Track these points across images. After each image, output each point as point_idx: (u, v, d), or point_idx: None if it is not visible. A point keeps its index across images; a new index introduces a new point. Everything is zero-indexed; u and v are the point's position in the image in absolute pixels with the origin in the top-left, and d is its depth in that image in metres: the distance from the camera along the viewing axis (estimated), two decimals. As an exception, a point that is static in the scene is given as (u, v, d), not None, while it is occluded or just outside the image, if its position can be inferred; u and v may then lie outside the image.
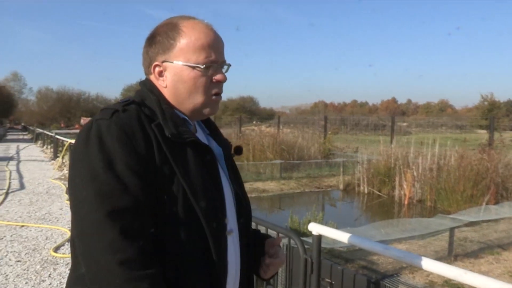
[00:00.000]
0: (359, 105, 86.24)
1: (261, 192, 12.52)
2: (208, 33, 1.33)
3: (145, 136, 1.20)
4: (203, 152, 1.31)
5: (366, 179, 12.88)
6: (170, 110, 1.31)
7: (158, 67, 1.35)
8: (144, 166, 1.17)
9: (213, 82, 1.34)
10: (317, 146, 18.81)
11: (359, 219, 10.43)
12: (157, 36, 1.35)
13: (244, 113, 52.35)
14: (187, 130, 1.29)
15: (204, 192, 1.24)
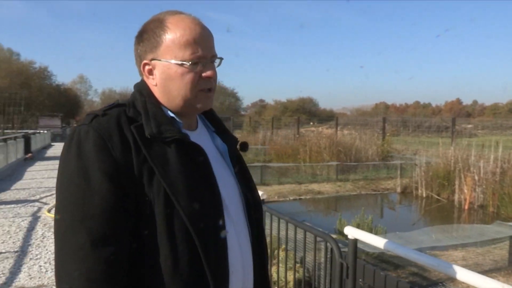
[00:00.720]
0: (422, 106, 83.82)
1: (316, 194, 12.42)
2: (194, 28, 1.29)
3: (122, 138, 1.19)
4: (191, 150, 1.28)
5: (424, 182, 12.49)
6: (155, 109, 1.29)
7: (147, 65, 1.34)
8: (120, 169, 1.16)
9: (202, 78, 1.31)
10: (375, 148, 18.45)
11: (417, 223, 10.11)
12: (144, 33, 1.33)
13: (303, 114, 52.15)
14: (171, 129, 1.26)
15: (188, 191, 1.20)
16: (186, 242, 1.19)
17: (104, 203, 1.13)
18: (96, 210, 1.12)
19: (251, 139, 24.24)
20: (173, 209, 1.18)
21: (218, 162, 1.40)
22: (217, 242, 1.25)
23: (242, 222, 1.38)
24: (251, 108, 76.29)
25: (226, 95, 57.15)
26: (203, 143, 1.36)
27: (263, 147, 21.74)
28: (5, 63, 42.09)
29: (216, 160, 1.39)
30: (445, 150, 13.22)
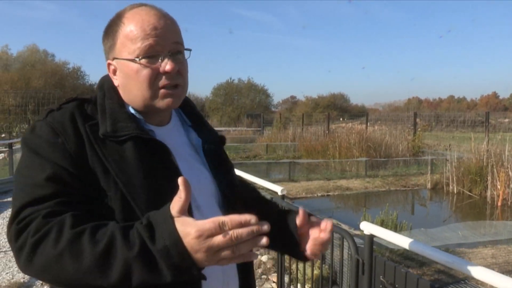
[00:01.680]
0: (456, 100, 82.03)
1: (344, 190, 12.32)
2: (147, 19, 1.20)
3: (76, 134, 1.15)
4: (152, 147, 1.20)
5: (455, 178, 12.22)
6: (113, 105, 1.23)
7: (111, 65, 1.27)
8: (75, 162, 1.12)
9: (160, 74, 1.20)
10: (406, 143, 18.18)
11: (448, 220, 9.92)
12: (107, 31, 1.27)
13: (334, 110, 51.71)
14: (128, 126, 1.19)
15: (146, 190, 1.13)
16: None
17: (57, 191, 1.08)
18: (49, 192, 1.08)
19: (281, 136, 24.22)
20: (131, 208, 1.12)
21: (190, 158, 1.33)
22: None
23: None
24: (282, 105, 76.08)
25: (257, 92, 57.09)
26: (171, 138, 1.29)
27: (293, 144, 21.70)
28: (40, 64, 43.02)
29: (187, 156, 1.32)
30: (477, 145, 12.92)
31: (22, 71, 40.98)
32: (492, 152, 11.84)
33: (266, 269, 5.27)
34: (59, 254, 0.96)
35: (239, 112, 52.06)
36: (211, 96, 57.76)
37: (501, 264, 5.70)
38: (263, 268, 5.29)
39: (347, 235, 2.97)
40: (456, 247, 6.07)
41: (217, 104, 55.38)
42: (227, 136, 17.19)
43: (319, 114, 38.04)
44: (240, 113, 51.48)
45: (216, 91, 56.78)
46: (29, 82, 38.53)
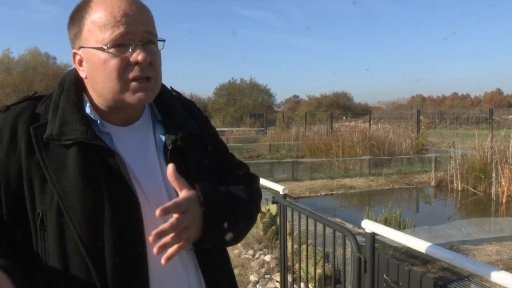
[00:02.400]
0: (460, 97, 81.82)
1: (348, 188, 12.28)
2: (118, 5, 1.08)
3: (12, 139, 1.07)
4: (100, 153, 1.10)
5: (459, 176, 12.17)
6: (66, 105, 1.13)
7: (76, 55, 1.15)
8: (3, 173, 1.04)
9: (131, 64, 1.09)
10: (409, 141, 18.14)
11: (453, 217, 9.87)
12: (73, 18, 1.16)
13: (337, 109, 51.68)
14: (76, 129, 1.08)
15: (84, 203, 1.03)
16: (81, 266, 1.03)
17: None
18: None
19: (284, 135, 24.20)
20: (66, 223, 1.03)
21: (150, 161, 1.20)
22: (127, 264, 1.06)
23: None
24: (285, 104, 76.05)
25: (259, 91, 57.07)
26: (133, 140, 1.19)
27: (296, 143, 21.68)
28: (42, 67, 43.18)
29: (147, 159, 1.20)
30: (481, 142, 12.87)
31: (23, 74, 41.16)
32: (496, 149, 11.79)
33: (269, 268, 5.25)
34: None
35: (242, 112, 52.03)
36: (214, 96, 57.76)
37: (506, 261, 5.66)
38: (266, 268, 5.27)
39: (349, 234, 2.95)
40: (460, 244, 6.04)
41: (219, 104, 55.38)
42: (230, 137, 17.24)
43: (322, 113, 38.01)
44: (243, 113, 51.45)
45: (219, 92, 56.79)
46: (31, 85, 38.68)
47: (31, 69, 42.42)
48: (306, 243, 3.88)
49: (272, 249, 5.79)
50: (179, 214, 1.04)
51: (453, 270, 5.17)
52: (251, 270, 5.22)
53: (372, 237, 2.81)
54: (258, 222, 5.99)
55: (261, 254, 5.70)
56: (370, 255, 2.78)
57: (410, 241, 2.48)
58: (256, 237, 5.98)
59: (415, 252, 5.56)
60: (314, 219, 3.45)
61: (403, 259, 5.31)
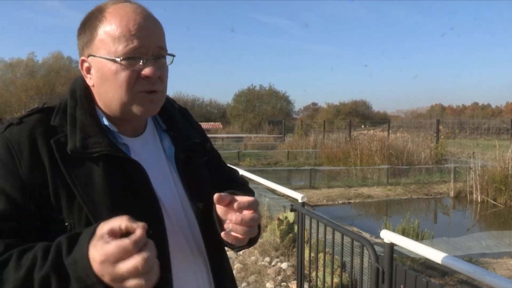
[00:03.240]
0: (481, 107, 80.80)
1: (365, 197, 12.23)
2: (133, 17, 1.10)
3: (34, 153, 1.05)
4: (125, 165, 1.11)
5: (479, 187, 12.02)
6: (84, 117, 1.12)
7: (85, 62, 1.16)
8: (24, 192, 1.02)
9: (141, 77, 1.10)
10: (428, 151, 17.98)
11: (472, 229, 9.75)
12: (84, 25, 1.16)
13: (356, 117, 51.46)
14: (100, 142, 1.09)
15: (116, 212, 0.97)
16: None
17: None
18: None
19: (302, 143, 24.17)
20: None
21: (163, 171, 1.23)
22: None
23: (193, 237, 1.21)
24: (303, 112, 75.95)
25: (278, 98, 57.11)
26: (147, 151, 1.22)
27: (314, 151, 21.65)
28: (64, 71, 43.89)
29: (160, 169, 1.22)
30: (502, 152, 12.71)
31: (47, 77, 41.86)
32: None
33: (285, 276, 5.26)
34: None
35: (261, 119, 52.07)
36: (233, 102, 57.93)
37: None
38: (283, 275, 5.27)
39: (367, 244, 2.95)
40: (480, 257, 5.97)
41: (238, 110, 55.50)
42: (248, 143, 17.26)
43: (341, 121, 37.91)
44: (262, 119, 51.49)
45: (238, 98, 56.92)
46: (54, 88, 39.29)
47: (54, 72, 43.16)
48: (324, 252, 3.88)
49: (289, 257, 5.79)
50: (254, 212, 1.11)
51: (472, 284, 5.12)
52: (268, 277, 5.23)
53: (391, 247, 2.81)
54: (276, 230, 6.00)
55: (278, 261, 5.70)
56: (388, 266, 2.78)
57: (430, 252, 2.48)
58: (273, 244, 5.99)
59: (433, 264, 5.52)
60: (333, 228, 3.46)
61: (420, 270, 5.27)
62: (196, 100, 63.05)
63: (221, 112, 62.31)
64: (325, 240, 3.82)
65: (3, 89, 42.09)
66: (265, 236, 6.23)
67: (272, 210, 7.72)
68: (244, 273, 5.39)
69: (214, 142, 25.10)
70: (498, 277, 2.03)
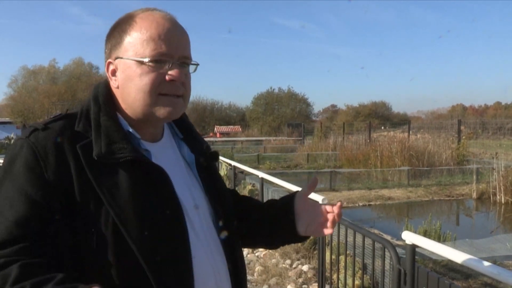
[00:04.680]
0: (504, 107, 79.46)
1: (386, 199, 12.14)
2: (161, 23, 1.14)
3: (60, 159, 1.05)
4: (149, 171, 1.13)
5: (503, 188, 11.84)
6: (109, 123, 1.14)
7: (111, 65, 1.19)
8: (52, 194, 1.02)
9: (165, 81, 1.14)
10: (450, 152, 17.78)
11: (496, 231, 9.61)
12: (114, 30, 1.20)
13: (376, 119, 51.14)
14: (124, 148, 1.10)
15: (141, 220, 1.06)
16: (141, 279, 1.04)
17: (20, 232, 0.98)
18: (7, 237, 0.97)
19: (322, 145, 24.11)
20: (123, 239, 1.03)
21: (184, 176, 1.26)
22: (180, 274, 1.11)
23: (214, 239, 1.25)
24: (323, 114, 75.74)
25: (297, 101, 57.08)
26: (166, 156, 1.24)
27: (333, 153, 21.58)
28: (85, 77, 44.53)
29: (181, 174, 1.25)
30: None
31: (68, 83, 42.50)
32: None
33: (306, 278, 5.26)
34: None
35: (280, 122, 52.13)
36: (252, 105, 58.06)
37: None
38: (304, 278, 5.27)
39: (389, 245, 2.95)
40: (504, 259, 5.87)
41: (257, 113, 55.62)
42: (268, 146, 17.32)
43: (360, 123, 37.71)
44: (281, 122, 51.54)
45: (257, 101, 57.06)
46: (75, 94, 39.87)
47: (75, 78, 43.81)
48: (345, 254, 3.88)
49: (310, 259, 5.79)
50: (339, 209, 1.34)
51: (497, 286, 5.05)
52: (289, 279, 5.23)
53: (413, 249, 2.79)
54: (296, 232, 6.00)
55: (299, 264, 5.71)
56: (410, 267, 2.77)
57: (453, 254, 2.46)
58: (293, 246, 5.99)
59: (456, 266, 5.45)
60: (354, 230, 3.46)
61: (443, 272, 5.21)
62: (215, 103, 63.32)
63: (241, 115, 62.48)
64: (346, 242, 3.82)
65: (26, 95, 42.85)
66: (285, 238, 6.23)
67: (293, 213, 7.69)
68: (265, 275, 5.40)
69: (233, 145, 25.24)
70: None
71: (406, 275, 2.78)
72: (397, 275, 2.82)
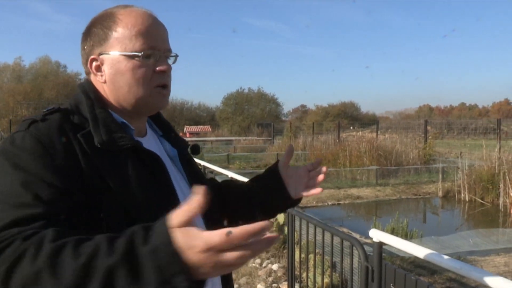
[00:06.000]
0: (468, 108, 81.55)
1: (355, 198, 12.28)
2: (146, 18, 1.20)
3: (67, 147, 1.05)
4: (147, 158, 1.17)
5: (467, 186, 12.14)
6: (104, 114, 1.16)
7: (95, 61, 1.22)
8: (63, 179, 1.01)
9: (155, 73, 1.19)
10: (417, 151, 18.12)
11: (460, 228, 9.84)
12: (93, 27, 1.22)
13: (345, 119, 51.69)
14: (124, 136, 1.13)
15: (148, 205, 1.09)
16: None
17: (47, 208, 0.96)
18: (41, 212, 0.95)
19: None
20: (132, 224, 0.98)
21: (171, 169, 1.29)
22: None
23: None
24: (293, 114, 76.22)
25: (267, 101, 57.19)
26: (153, 149, 1.25)
27: (303, 153, 21.70)
28: (52, 75, 43.67)
29: (169, 167, 1.28)
30: (489, 152, 12.86)
31: (34, 82, 41.59)
32: (504, 160, 11.78)
33: (276, 277, 5.28)
34: (37, 272, 0.82)
35: (250, 122, 52.14)
36: (222, 105, 57.95)
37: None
38: (274, 277, 5.30)
39: (357, 243, 2.99)
40: (468, 255, 6.04)
41: (227, 113, 55.54)
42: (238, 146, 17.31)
43: (330, 123, 38.09)
44: (251, 122, 51.55)
45: (227, 101, 56.94)
46: (42, 93, 39.07)
47: (42, 77, 42.89)
48: (314, 252, 3.92)
49: (280, 258, 5.82)
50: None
51: (460, 281, 5.18)
52: (259, 278, 5.25)
53: (380, 246, 2.84)
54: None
55: (269, 263, 5.73)
56: (377, 264, 2.82)
57: (418, 250, 2.52)
58: (263, 246, 6.00)
59: (422, 262, 5.57)
60: (322, 228, 3.50)
61: (410, 269, 5.32)
62: (185, 103, 63.06)
63: (210, 115, 62.36)
64: (315, 240, 3.85)
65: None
66: (255, 238, 6.24)
67: (262, 212, 7.73)
68: (235, 275, 5.40)
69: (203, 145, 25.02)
70: (484, 272, 2.07)
71: (374, 272, 2.83)
72: (365, 273, 2.87)
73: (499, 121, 20.80)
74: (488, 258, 6.20)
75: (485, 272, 2.12)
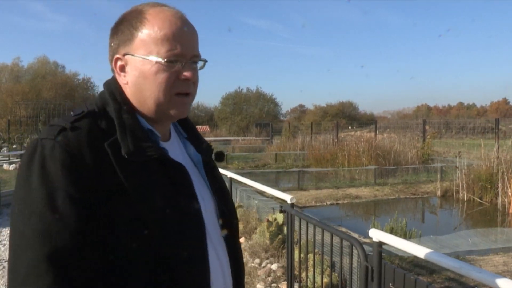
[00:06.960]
0: (466, 107, 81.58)
1: (353, 198, 12.29)
2: (174, 22, 1.14)
3: (96, 158, 1.04)
4: (171, 169, 1.15)
5: (465, 186, 12.15)
6: (132, 121, 1.13)
7: (119, 60, 1.19)
8: (92, 195, 1.01)
9: (179, 80, 1.15)
10: (415, 151, 18.14)
11: (459, 228, 9.86)
12: (120, 25, 1.18)
13: (343, 119, 51.69)
14: (151, 146, 1.12)
15: (169, 218, 1.08)
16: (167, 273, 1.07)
17: (75, 239, 0.98)
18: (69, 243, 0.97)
19: (290, 145, 24.22)
20: (152, 238, 1.05)
21: (194, 176, 1.25)
22: (199, 272, 1.14)
23: (219, 238, 1.27)
24: (291, 114, 76.17)
25: (265, 101, 57.15)
26: (178, 156, 1.24)
27: (301, 153, 21.71)
28: (51, 76, 43.57)
29: (192, 174, 1.24)
30: (487, 151, 12.88)
31: (33, 82, 41.48)
32: (502, 159, 11.79)
33: (276, 277, 5.29)
34: None
35: (248, 121, 52.12)
36: (220, 105, 57.89)
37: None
38: (273, 277, 5.30)
39: (356, 243, 3.00)
40: (466, 254, 6.06)
41: (225, 113, 55.48)
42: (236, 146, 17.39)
43: (328, 123, 38.05)
44: (249, 122, 51.54)
45: (225, 101, 56.88)
46: (40, 93, 38.97)
47: (40, 77, 42.79)
48: (313, 252, 3.92)
49: (279, 258, 5.82)
50: None
51: (459, 280, 5.19)
52: (258, 278, 5.25)
53: (379, 246, 2.85)
54: (265, 231, 6.04)
55: (268, 263, 5.74)
56: (377, 264, 2.82)
57: (417, 250, 2.53)
58: (262, 245, 6.02)
59: (421, 262, 5.58)
60: (322, 228, 3.50)
61: (409, 268, 5.33)
62: (183, 103, 62.74)
63: (209, 115, 62.29)
64: (314, 240, 3.86)
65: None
66: (254, 238, 6.26)
67: (261, 212, 7.75)
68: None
69: (202, 145, 25.33)
70: (484, 272, 2.08)
71: (373, 272, 2.83)
72: (364, 272, 2.88)
73: (497, 120, 20.80)
74: (486, 257, 6.21)
75: (484, 272, 2.13)
